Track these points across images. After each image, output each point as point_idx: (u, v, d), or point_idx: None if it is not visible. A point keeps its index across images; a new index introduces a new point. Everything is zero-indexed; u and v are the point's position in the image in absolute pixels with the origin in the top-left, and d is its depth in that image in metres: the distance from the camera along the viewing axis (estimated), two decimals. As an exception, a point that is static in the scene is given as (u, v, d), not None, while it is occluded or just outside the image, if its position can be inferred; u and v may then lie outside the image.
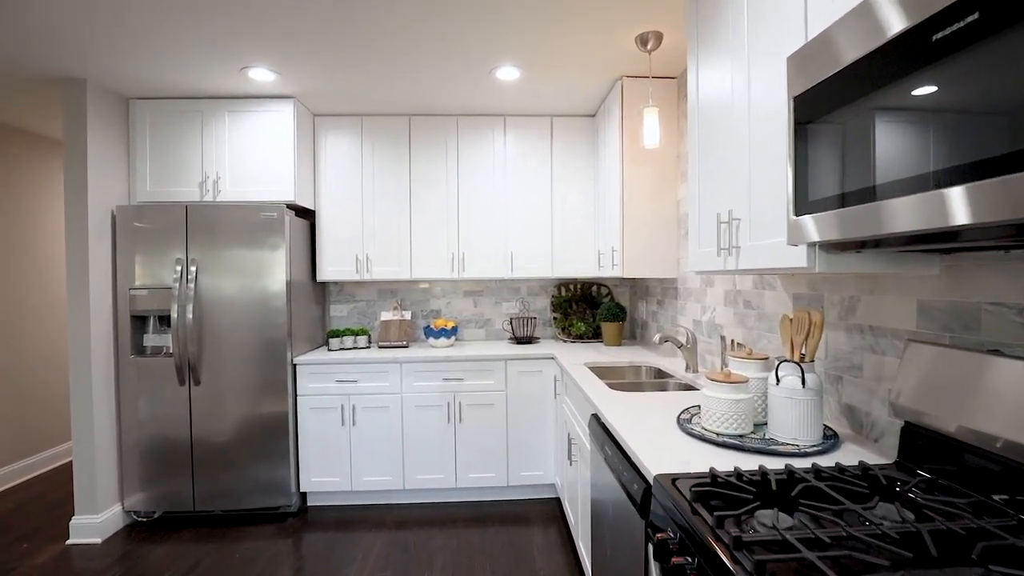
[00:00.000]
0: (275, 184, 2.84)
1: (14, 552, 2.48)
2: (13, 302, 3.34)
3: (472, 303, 3.52)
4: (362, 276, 3.14)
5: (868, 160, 0.81)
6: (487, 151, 3.20)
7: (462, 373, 2.89)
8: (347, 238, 3.14)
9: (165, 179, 2.83)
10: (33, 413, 3.46)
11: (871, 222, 0.81)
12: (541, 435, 2.91)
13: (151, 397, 2.70)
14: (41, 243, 3.57)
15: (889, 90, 0.76)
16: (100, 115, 2.63)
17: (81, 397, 2.57)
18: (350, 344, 3.14)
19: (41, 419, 3.52)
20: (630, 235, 2.65)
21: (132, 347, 2.71)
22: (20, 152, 3.43)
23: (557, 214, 3.23)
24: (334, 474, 2.86)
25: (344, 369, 2.85)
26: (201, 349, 2.70)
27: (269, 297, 2.72)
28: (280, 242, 2.72)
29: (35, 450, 3.46)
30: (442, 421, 2.88)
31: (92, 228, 2.58)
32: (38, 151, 3.57)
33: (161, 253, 2.70)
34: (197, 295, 2.70)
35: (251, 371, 2.71)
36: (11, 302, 3.32)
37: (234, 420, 2.71)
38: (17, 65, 2.37)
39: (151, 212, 2.69)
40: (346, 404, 2.85)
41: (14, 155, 3.39)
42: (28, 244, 3.47)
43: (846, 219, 0.86)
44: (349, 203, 3.14)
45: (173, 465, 2.71)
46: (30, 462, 3.42)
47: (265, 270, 2.72)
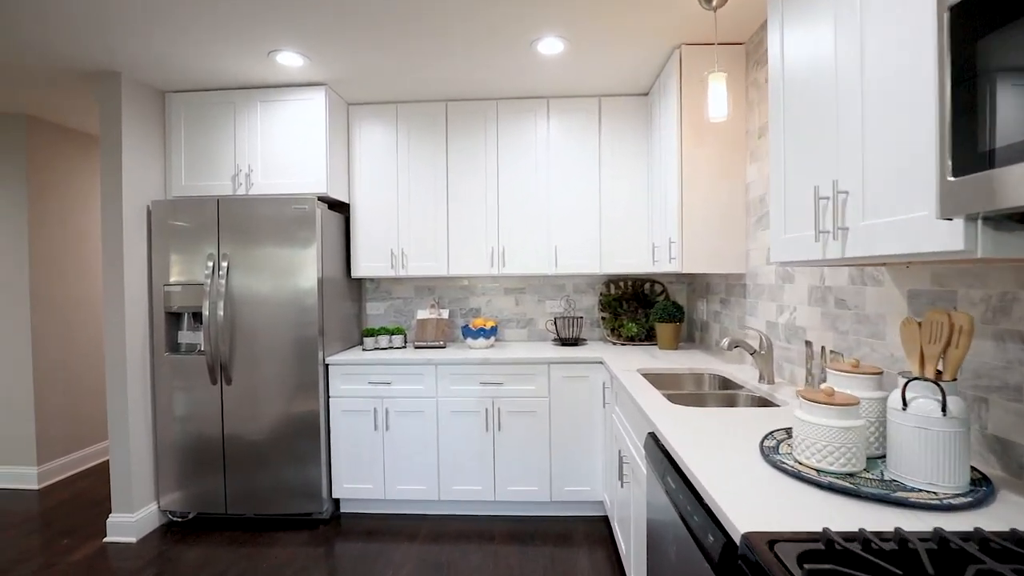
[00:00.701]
0: (307, 176, 2.72)
1: (55, 548, 2.47)
2: (64, 297, 3.41)
3: (513, 301, 3.29)
4: (397, 272, 2.98)
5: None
6: (529, 137, 2.96)
7: (502, 377, 2.67)
8: (382, 232, 2.99)
9: (199, 173, 2.77)
10: (85, 406, 3.53)
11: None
12: (588, 447, 2.64)
13: (185, 395, 2.64)
14: (88, 238, 3.64)
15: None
16: (135, 109, 2.59)
17: (117, 394, 2.54)
18: (385, 344, 2.99)
19: (93, 413, 3.59)
20: (690, 225, 2.34)
21: (167, 344, 2.67)
22: (63, 148, 3.50)
23: (606, 204, 2.94)
24: (367, 481, 2.71)
25: (377, 370, 2.70)
26: (233, 347, 2.62)
27: (301, 294, 2.60)
28: (311, 236, 2.59)
29: (86, 443, 3.54)
30: (479, 428, 2.67)
31: (127, 223, 2.55)
32: (81, 147, 3.64)
33: (194, 248, 2.64)
34: (228, 292, 2.62)
35: (283, 371, 2.60)
36: (62, 297, 3.40)
37: (266, 421, 2.61)
38: (52, 59, 2.35)
39: (184, 206, 2.63)
40: (379, 407, 2.69)
41: (57, 151, 3.46)
42: (76, 239, 3.54)
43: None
44: (384, 195, 2.99)
45: (206, 466, 2.64)
46: (82, 454, 3.50)
47: (297, 265, 2.60)
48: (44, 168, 3.28)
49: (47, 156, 3.30)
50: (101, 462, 3.61)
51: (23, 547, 2.48)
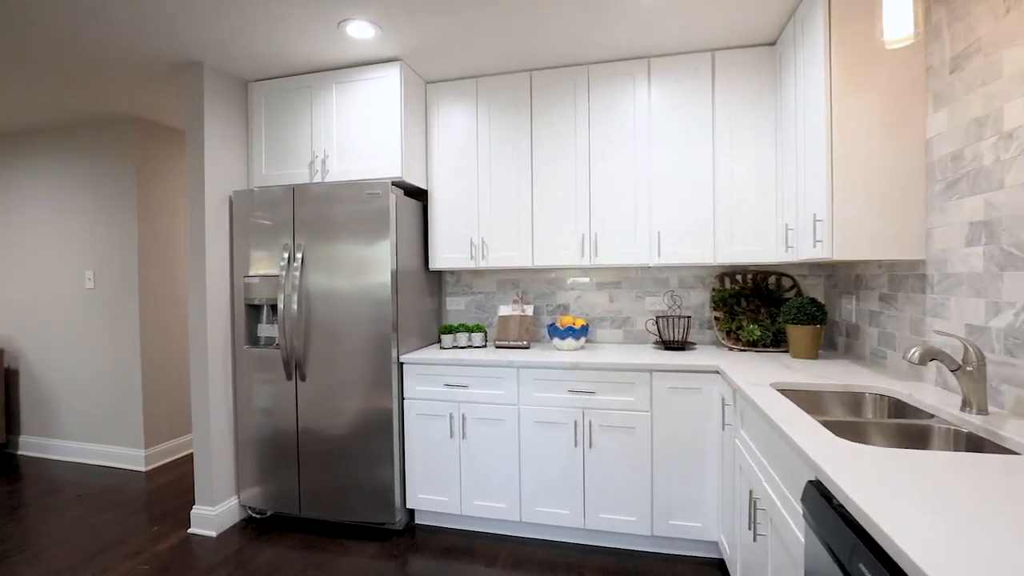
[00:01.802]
0: (381, 159, 2.53)
1: (146, 534, 2.51)
2: (167, 290, 3.57)
3: (607, 297, 2.88)
4: (477, 263, 2.71)
5: None
6: (625, 107, 2.53)
7: (594, 384, 2.28)
8: (460, 220, 2.73)
9: (278, 161, 2.69)
10: (185, 395, 3.69)
11: None
12: (699, 475, 2.17)
13: (263, 390, 2.58)
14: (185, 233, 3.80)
15: None
16: (218, 99, 2.56)
17: (200, 385, 2.52)
18: (464, 342, 2.73)
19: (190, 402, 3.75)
20: (844, 198, 1.79)
21: (247, 337, 2.62)
22: (166, 146, 3.66)
23: (721, 180, 2.44)
24: (442, 492, 2.46)
25: (453, 371, 2.44)
26: (307, 342, 2.50)
27: (375, 286, 2.41)
28: (385, 224, 2.39)
29: (188, 430, 3.70)
30: (567, 443, 2.30)
31: (209, 214, 2.52)
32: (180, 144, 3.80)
33: (271, 239, 2.55)
34: (303, 284, 2.50)
35: (357, 368, 2.43)
36: (165, 290, 3.56)
37: (339, 422, 2.46)
38: (140, 50, 2.35)
39: (262, 196, 2.56)
40: (455, 413, 2.43)
41: (160, 150, 3.62)
42: (176, 235, 3.70)
43: None
44: (463, 179, 2.73)
45: (282, 464, 2.55)
46: (183, 440, 3.65)
47: (370, 255, 2.41)
48: (149, 166, 3.44)
49: (152, 155, 3.47)
50: (202, 449, 3.75)
51: (121, 529, 2.55)
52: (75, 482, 3.19)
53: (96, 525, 2.61)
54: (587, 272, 2.91)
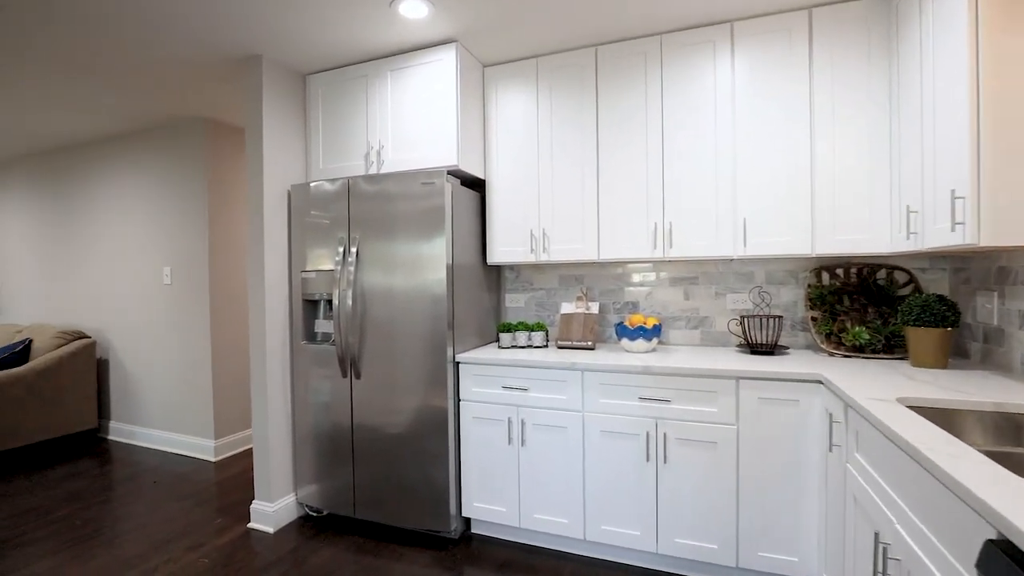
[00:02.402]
0: (436, 148, 2.40)
1: (209, 526, 2.54)
2: (234, 286, 3.66)
3: (681, 294, 2.60)
4: (538, 257, 2.51)
5: None
6: (704, 80, 2.24)
7: (669, 392, 2.02)
8: (520, 211, 2.55)
9: (335, 154, 2.64)
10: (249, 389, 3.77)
11: None
12: (796, 502, 1.86)
13: (319, 387, 2.53)
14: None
15: None
16: (276, 92, 2.54)
17: (259, 380, 2.51)
18: (523, 341, 2.55)
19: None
20: (998, 168, 1.43)
21: (304, 333, 2.58)
22: (235, 146, 3.75)
23: (820, 159, 2.09)
24: (499, 502, 2.29)
25: (512, 373, 2.26)
26: (362, 339, 2.41)
27: (430, 281, 2.28)
28: (440, 216, 2.25)
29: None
30: (638, 456, 2.06)
31: (268, 209, 2.50)
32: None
33: (327, 233, 2.50)
34: (358, 279, 2.42)
35: (411, 367, 2.32)
36: (233, 286, 3.65)
37: (393, 423, 2.36)
38: (202, 46, 2.36)
39: (318, 189, 2.51)
40: (514, 417, 2.25)
41: (229, 149, 3.71)
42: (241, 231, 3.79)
43: None
44: (522, 167, 2.54)
45: (337, 463, 2.49)
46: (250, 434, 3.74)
47: (425, 249, 2.29)
48: (219, 165, 3.54)
49: (221, 154, 3.56)
50: (268, 441, 3.83)
51: (187, 519, 2.60)
52: (153, 468, 3.33)
53: (166, 513, 2.68)
54: (659, 266, 2.63)
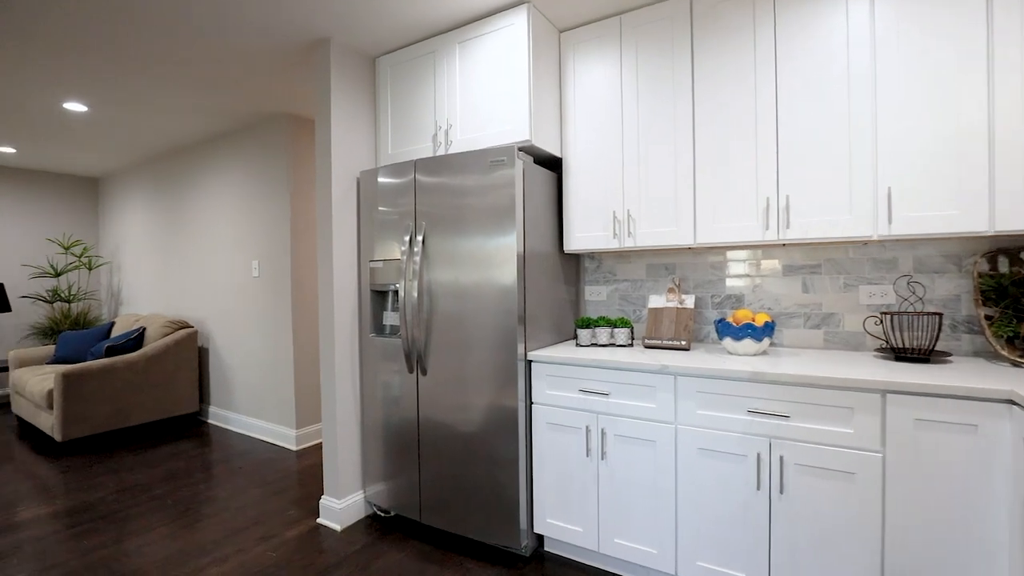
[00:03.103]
0: (506, 123, 2.17)
1: (282, 517, 2.52)
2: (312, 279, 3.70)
3: (799, 285, 2.15)
4: (621, 243, 2.20)
5: None
6: (832, 21, 1.80)
7: (786, 405, 1.63)
8: (601, 191, 2.25)
9: (403, 138, 2.50)
10: (334, 380, 3.81)
11: None
12: (972, 565, 1.40)
13: (387, 382, 2.41)
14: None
15: None
16: (344, 77, 2.45)
17: (327, 374, 2.45)
18: (604, 339, 2.25)
19: (341, 386, 3.87)
20: None
21: (372, 325, 2.48)
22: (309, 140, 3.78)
23: (1001, 110, 1.58)
24: (575, 520, 2.02)
25: (591, 374, 1.98)
26: (429, 332, 2.25)
27: (498, 272, 2.06)
28: (510, 198, 2.02)
29: (335, 414, 3.82)
30: (746, 483, 1.69)
31: (336, 198, 2.42)
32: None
33: (394, 221, 2.37)
34: (423, 268, 2.26)
35: (479, 365, 2.12)
36: (314, 274, 3.69)
37: (459, 423, 2.18)
38: (272, 31, 2.32)
39: (386, 175, 2.39)
40: (592, 426, 1.97)
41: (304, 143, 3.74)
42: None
43: None
44: (604, 142, 2.24)
45: (403, 464, 2.36)
46: (331, 424, 3.78)
47: (493, 236, 2.07)
48: (299, 159, 3.58)
49: (301, 148, 3.60)
50: (346, 433, 3.86)
51: (262, 508, 2.61)
52: (241, 453, 3.46)
53: (245, 500, 2.72)
54: (769, 252, 2.21)
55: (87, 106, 3.30)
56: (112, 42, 2.43)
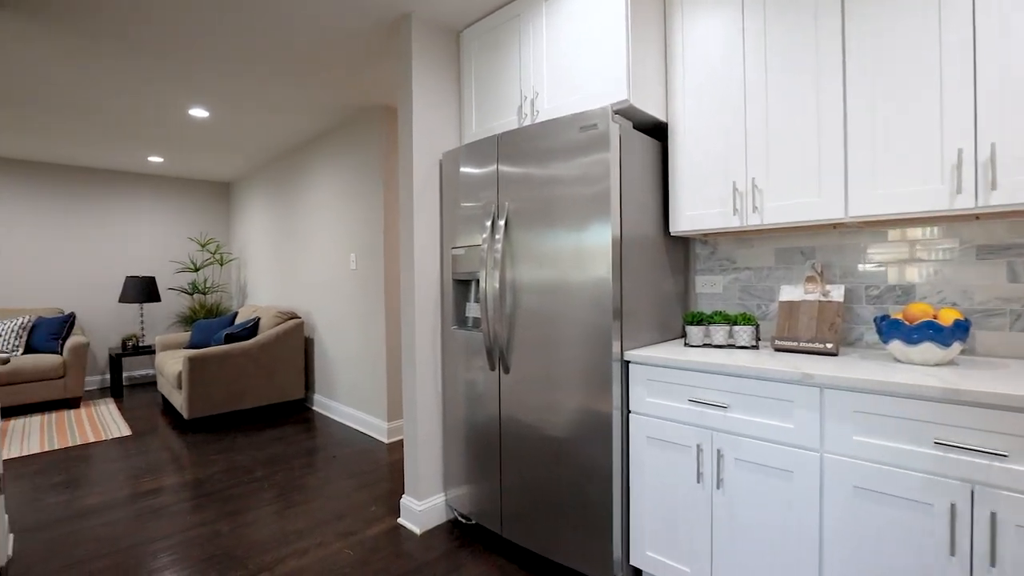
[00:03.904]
0: (599, 83, 1.86)
1: (364, 513, 2.46)
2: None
3: (1002, 271, 1.58)
4: (743, 221, 1.79)
5: None
6: None
7: (999, 439, 1.14)
8: (717, 157, 1.85)
9: (488, 113, 2.30)
10: (425, 374, 3.76)
11: None
12: None
13: (469, 378, 2.23)
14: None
15: None
16: (426, 54, 2.31)
17: (408, 368, 2.33)
18: (721, 338, 1.85)
19: (431, 380, 3.81)
20: None
21: (454, 317, 2.31)
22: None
23: None
24: (681, 558, 1.66)
25: (705, 381, 1.61)
26: (512, 327, 2.02)
27: (590, 258, 1.76)
28: (603, 170, 1.72)
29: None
30: (934, 544, 1.22)
31: (418, 180, 2.28)
32: (431, 132, 3.83)
33: (476, 203, 2.17)
34: (506, 255, 2.03)
35: (566, 364, 1.84)
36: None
37: (544, 429, 1.92)
38: (351, 9, 2.24)
39: (468, 154, 2.20)
40: (705, 444, 1.60)
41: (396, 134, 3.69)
42: (423, 218, 3.76)
43: None
44: (720, 97, 1.84)
45: (485, 469, 2.16)
46: (421, 419, 3.72)
47: (584, 217, 1.78)
48: (392, 151, 3.56)
49: (395, 138, 3.57)
50: (436, 428, 3.79)
51: (348, 502, 2.57)
52: (337, 442, 3.52)
53: (333, 490, 2.71)
54: (954, 227, 1.65)
55: (208, 111, 3.56)
56: (219, 43, 2.53)
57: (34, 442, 3.53)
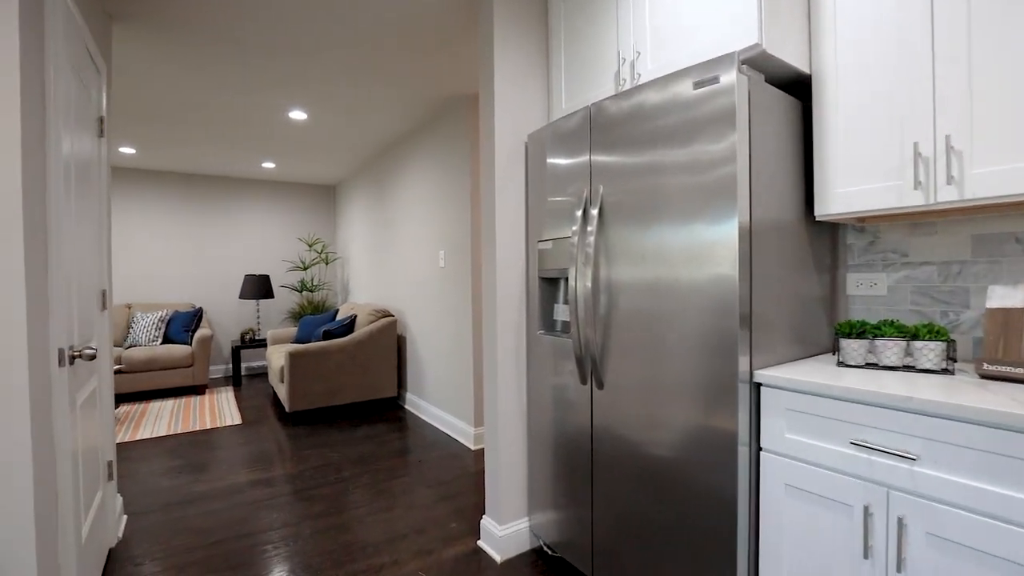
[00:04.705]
0: (717, 29, 1.47)
1: (444, 529, 2.28)
2: (498, 269, 3.46)
3: None
4: (930, 197, 1.30)
5: None
6: None
7: None
8: (886, 112, 1.37)
9: (580, 83, 1.99)
10: (513, 378, 3.54)
11: None
12: None
13: (556, 391, 1.94)
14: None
15: None
16: (510, 21, 2.05)
17: (490, 375, 2.10)
18: (893, 357, 1.37)
19: (520, 385, 3.57)
20: None
21: (540, 320, 2.04)
22: (504, 122, 3.51)
23: None
24: (838, 653, 1.23)
25: (878, 418, 1.16)
26: (606, 333, 1.70)
27: (707, 251, 1.39)
28: (723, 134, 1.33)
29: (513, 414, 3.54)
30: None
31: (500, 167, 2.04)
32: (520, 120, 3.60)
33: (565, 189, 1.88)
34: (600, 247, 1.71)
35: (675, 381, 1.48)
36: (497, 268, 3.45)
37: (644, 458, 1.57)
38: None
39: (558, 132, 1.91)
40: (878, 507, 1.16)
41: (499, 125, 3.48)
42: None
43: None
44: (893, 29, 1.36)
45: (573, 497, 1.86)
46: (508, 425, 3.51)
47: (699, 196, 1.41)
48: (480, 142, 3.37)
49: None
50: (524, 436, 3.56)
51: (428, 514, 2.42)
52: (425, 445, 3.43)
53: (415, 500, 2.58)
54: None
55: (305, 113, 3.64)
56: (304, 38, 2.50)
57: (162, 425, 3.87)
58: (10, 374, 1.20)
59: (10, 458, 1.20)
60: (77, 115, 1.69)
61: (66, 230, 1.52)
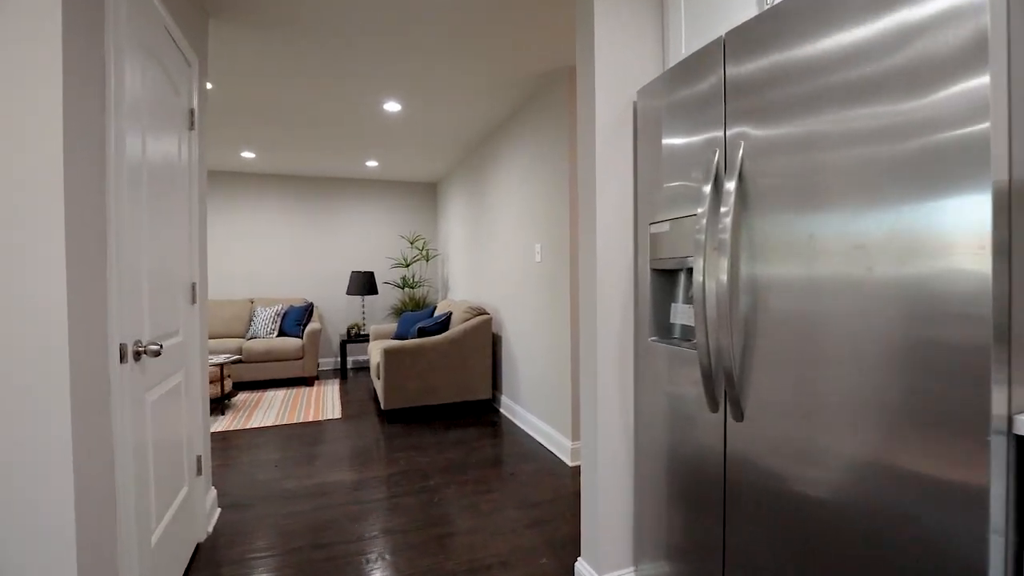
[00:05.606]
0: None
1: (531, 567, 1.95)
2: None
3: None
4: None
5: None
6: None
7: None
8: None
9: (705, 22, 1.54)
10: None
11: None
12: None
13: (674, 415, 1.52)
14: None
15: None
16: (619, -51, 1.66)
17: (587, 389, 1.72)
18: None
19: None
20: None
21: (653, 323, 1.62)
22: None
23: None
24: None
25: None
26: (749, 345, 1.25)
27: (925, 230, 0.90)
28: (968, 71, 0.83)
29: (617, 429, 3.12)
30: None
31: (602, 131, 1.66)
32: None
33: (689, 153, 1.44)
34: (739, 228, 1.26)
35: (870, 421, 1.00)
36: (598, 263, 3.05)
37: (806, 524, 1.10)
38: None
39: (676, 78, 1.48)
40: None
41: (603, 99, 3.07)
42: (616, 199, 3.12)
43: None
44: None
45: (697, 551, 1.42)
46: (611, 441, 3.09)
47: (913, 142, 0.91)
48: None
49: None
50: (629, 454, 3.11)
51: (515, 542, 2.11)
52: (518, 456, 3.14)
53: (502, 523, 2.29)
54: None
55: (399, 103, 3.54)
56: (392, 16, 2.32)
57: (271, 415, 4.03)
58: (47, 369, 1.08)
59: (43, 458, 1.09)
60: (157, 104, 1.62)
61: (133, 225, 1.43)
